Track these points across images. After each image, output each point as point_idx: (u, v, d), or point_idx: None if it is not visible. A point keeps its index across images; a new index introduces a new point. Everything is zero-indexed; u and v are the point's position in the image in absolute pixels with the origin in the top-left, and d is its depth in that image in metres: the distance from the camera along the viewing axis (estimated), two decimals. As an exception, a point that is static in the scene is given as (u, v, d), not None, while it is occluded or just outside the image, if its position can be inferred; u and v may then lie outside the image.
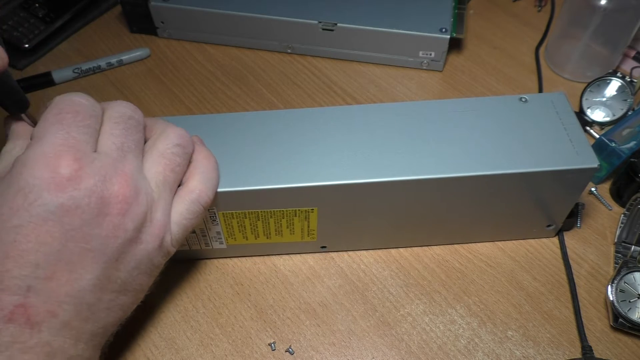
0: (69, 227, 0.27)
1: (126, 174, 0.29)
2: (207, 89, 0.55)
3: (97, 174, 0.28)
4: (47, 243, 0.26)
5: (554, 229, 0.42)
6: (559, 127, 0.38)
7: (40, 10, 0.59)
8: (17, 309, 0.26)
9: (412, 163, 0.36)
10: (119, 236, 0.29)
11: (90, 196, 0.27)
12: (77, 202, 0.27)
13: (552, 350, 0.38)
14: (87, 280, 0.28)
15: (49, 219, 0.26)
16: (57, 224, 0.27)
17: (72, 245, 0.27)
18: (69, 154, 0.27)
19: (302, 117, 0.39)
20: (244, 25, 0.56)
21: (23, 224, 0.26)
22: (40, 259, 0.26)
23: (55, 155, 0.27)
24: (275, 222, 0.39)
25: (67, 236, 0.27)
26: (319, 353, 0.38)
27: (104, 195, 0.28)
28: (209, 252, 0.42)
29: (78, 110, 0.29)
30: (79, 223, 0.27)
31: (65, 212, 0.27)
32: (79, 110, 0.29)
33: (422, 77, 0.56)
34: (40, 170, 0.27)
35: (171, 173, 0.32)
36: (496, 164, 0.36)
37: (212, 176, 0.34)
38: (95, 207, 0.28)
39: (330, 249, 0.43)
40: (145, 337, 0.39)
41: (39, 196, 0.26)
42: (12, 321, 0.26)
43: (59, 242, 0.27)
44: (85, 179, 0.27)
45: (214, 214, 0.37)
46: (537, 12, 0.62)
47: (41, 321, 0.26)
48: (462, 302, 0.40)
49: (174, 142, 0.33)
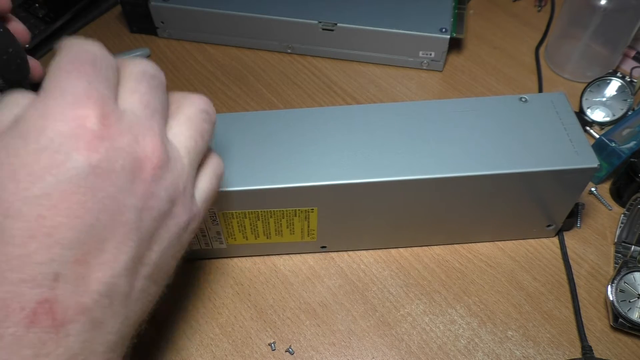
0: (102, 195, 0.22)
1: (157, 135, 0.25)
2: (207, 89, 0.55)
3: (129, 132, 0.23)
4: (79, 216, 0.22)
5: (554, 229, 0.42)
6: (559, 127, 0.38)
7: (40, 10, 0.59)
8: (41, 306, 0.20)
9: (411, 163, 0.36)
10: (154, 207, 0.25)
11: (125, 157, 0.23)
12: (112, 165, 0.22)
13: (552, 350, 0.38)
14: (122, 263, 0.23)
15: (80, 185, 0.21)
16: (90, 192, 0.22)
17: (105, 218, 0.22)
18: (96, 107, 0.22)
19: (302, 117, 0.39)
20: (244, 25, 0.56)
21: (50, 192, 0.21)
22: (72, 237, 0.21)
23: (81, 107, 0.22)
24: (275, 222, 0.39)
25: (101, 206, 0.22)
26: (319, 353, 0.38)
27: (139, 156, 0.24)
28: (208, 252, 0.42)
29: (95, 60, 0.24)
30: (113, 190, 0.23)
31: (98, 176, 0.22)
32: (96, 61, 0.24)
33: (422, 77, 0.56)
34: (65, 124, 0.22)
35: (201, 139, 0.28)
36: (496, 164, 0.36)
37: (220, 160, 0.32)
38: (130, 170, 0.23)
39: (330, 249, 0.43)
40: (145, 336, 0.39)
41: (68, 157, 0.21)
42: (34, 324, 0.20)
43: (91, 214, 0.22)
44: (118, 137, 0.23)
45: (213, 214, 0.37)
46: (537, 12, 0.62)
47: (69, 320, 0.21)
48: (462, 302, 0.40)
49: (200, 108, 0.29)
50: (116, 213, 0.23)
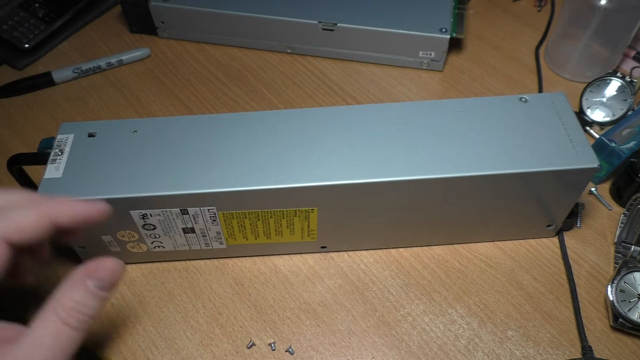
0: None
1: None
2: (207, 89, 0.55)
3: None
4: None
5: (553, 229, 0.42)
6: (559, 127, 0.38)
7: (40, 10, 0.59)
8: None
9: (411, 163, 0.36)
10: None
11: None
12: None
13: (552, 350, 0.38)
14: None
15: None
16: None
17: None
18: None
19: (302, 117, 0.39)
20: (244, 25, 0.56)
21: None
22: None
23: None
24: (275, 222, 0.39)
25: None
26: (319, 353, 0.38)
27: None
28: (209, 252, 0.42)
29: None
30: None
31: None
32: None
33: (422, 77, 0.56)
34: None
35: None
36: (496, 164, 0.36)
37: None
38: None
39: (330, 249, 0.43)
40: (145, 337, 0.39)
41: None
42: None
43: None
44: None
45: (214, 214, 0.37)
46: (537, 12, 0.62)
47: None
48: (462, 302, 0.40)
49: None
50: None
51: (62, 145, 0.38)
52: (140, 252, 0.41)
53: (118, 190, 0.35)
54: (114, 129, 0.39)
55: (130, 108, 0.54)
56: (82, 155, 0.37)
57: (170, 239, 0.40)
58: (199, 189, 0.35)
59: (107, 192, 0.35)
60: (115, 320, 0.40)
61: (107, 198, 0.35)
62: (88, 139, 0.38)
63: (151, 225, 0.38)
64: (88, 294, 0.27)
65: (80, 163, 0.37)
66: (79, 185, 0.35)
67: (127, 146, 0.38)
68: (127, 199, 0.35)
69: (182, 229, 0.39)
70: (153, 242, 0.40)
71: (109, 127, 0.39)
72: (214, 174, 0.36)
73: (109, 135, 0.38)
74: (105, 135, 0.38)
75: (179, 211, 0.37)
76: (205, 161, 0.37)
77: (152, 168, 0.36)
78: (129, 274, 0.42)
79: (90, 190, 0.35)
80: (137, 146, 0.38)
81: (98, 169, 0.36)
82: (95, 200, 0.31)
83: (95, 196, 0.35)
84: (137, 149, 0.38)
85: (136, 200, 0.36)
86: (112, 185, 0.35)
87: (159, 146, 0.38)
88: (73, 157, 0.37)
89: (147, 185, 0.36)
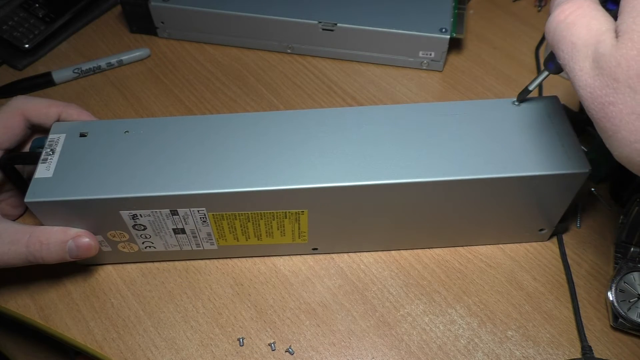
0: None
1: None
2: (207, 89, 0.55)
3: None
4: None
5: (546, 233, 0.42)
6: (551, 131, 0.38)
7: (40, 10, 0.59)
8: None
9: (401, 166, 0.36)
10: None
11: None
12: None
13: (552, 350, 0.38)
14: None
15: None
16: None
17: None
18: None
19: (295, 119, 0.39)
20: (244, 25, 0.56)
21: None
22: None
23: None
24: (265, 224, 0.39)
25: None
26: (319, 353, 0.38)
27: None
28: (200, 252, 0.42)
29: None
30: None
31: None
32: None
33: (422, 77, 0.56)
34: None
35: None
36: (486, 168, 0.36)
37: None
38: None
39: (322, 251, 0.43)
40: (145, 337, 0.39)
41: None
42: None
43: None
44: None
45: (204, 215, 0.37)
46: (537, 12, 0.62)
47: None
48: (462, 302, 0.40)
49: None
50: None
51: (53, 145, 0.38)
52: (132, 252, 0.41)
53: (108, 191, 0.35)
54: (106, 129, 0.39)
55: (130, 108, 0.54)
56: (73, 155, 0.37)
57: (161, 239, 0.40)
58: (188, 190, 0.35)
59: (97, 192, 0.35)
60: (115, 320, 0.40)
61: (97, 198, 0.35)
62: (80, 139, 0.38)
63: (141, 225, 0.38)
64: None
65: (71, 163, 0.37)
66: (69, 185, 0.35)
67: (118, 146, 0.38)
68: (116, 199, 0.35)
69: (172, 229, 0.39)
70: (144, 243, 0.40)
71: (100, 127, 0.39)
72: (203, 175, 0.36)
73: (101, 136, 0.38)
74: (97, 135, 0.38)
75: (169, 212, 0.37)
76: (195, 162, 0.37)
77: (143, 168, 0.36)
78: (129, 274, 0.42)
79: (80, 190, 0.35)
80: (128, 146, 0.38)
81: (88, 169, 0.36)
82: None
83: (85, 196, 0.35)
84: (128, 149, 0.38)
85: (126, 201, 0.36)
86: (102, 185, 0.35)
87: (150, 147, 0.38)
88: (64, 157, 0.37)
89: (137, 186, 0.35)
